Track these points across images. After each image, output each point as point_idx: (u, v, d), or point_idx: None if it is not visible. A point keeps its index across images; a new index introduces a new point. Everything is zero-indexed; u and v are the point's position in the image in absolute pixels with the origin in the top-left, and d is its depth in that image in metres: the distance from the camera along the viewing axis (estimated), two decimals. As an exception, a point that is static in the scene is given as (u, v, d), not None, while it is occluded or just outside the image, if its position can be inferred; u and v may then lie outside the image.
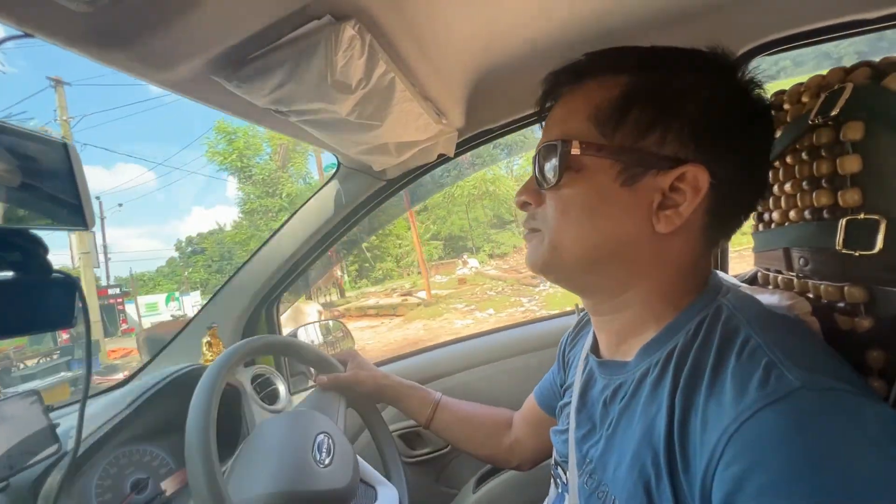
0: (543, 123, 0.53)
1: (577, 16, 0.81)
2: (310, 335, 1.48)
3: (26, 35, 0.41)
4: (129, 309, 17.81)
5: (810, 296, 0.51)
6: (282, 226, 1.18)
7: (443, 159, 1.06)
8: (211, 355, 1.12)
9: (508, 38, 0.84)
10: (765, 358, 0.37)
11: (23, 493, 0.68)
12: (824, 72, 0.51)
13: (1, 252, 0.46)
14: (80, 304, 0.53)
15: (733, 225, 0.49)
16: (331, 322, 1.48)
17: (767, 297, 0.50)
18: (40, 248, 0.50)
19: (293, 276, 1.23)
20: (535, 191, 0.51)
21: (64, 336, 11.09)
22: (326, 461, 0.72)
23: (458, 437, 0.89)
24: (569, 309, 1.40)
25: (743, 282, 0.64)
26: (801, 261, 0.52)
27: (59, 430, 0.72)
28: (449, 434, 0.89)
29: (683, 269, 0.47)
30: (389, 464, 0.92)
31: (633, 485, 0.41)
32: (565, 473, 0.56)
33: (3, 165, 0.44)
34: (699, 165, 0.43)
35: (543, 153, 0.48)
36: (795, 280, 0.54)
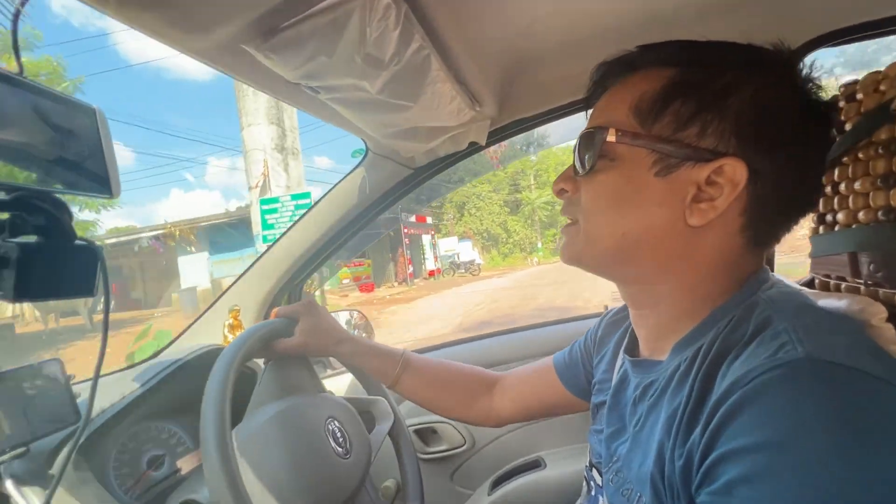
0: (588, 112, 0.53)
1: (622, 1, 0.76)
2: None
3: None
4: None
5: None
6: (307, 211, 1.17)
7: (473, 148, 1.02)
8: (232, 337, 1.13)
9: (548, 23, 0.80)
10: (785, 337, 0.36)
11: (41, 459, 0.68)
12: (908, 58, 0.46)
13: (26, 214, 0.46)
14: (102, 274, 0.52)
15: (777, 228, 0.46)
16: (350, 311, 1.47)
17: (833, 302, 0.45)
18: (65, 213, 0.49)
19: (317, 262, 1.22)
20: (571, 178, 0.52)
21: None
22: (340, 451, 0.70)
23: (427, 397, 0.83)
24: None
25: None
26: (872, 266, 0.47)
27: (79, 401, 0.72)
28: (418, 395, 0.83)
29: (717, 267, 0.46)
30: (405, 459, 0.90)
31: (654, 475, 0.41)
32: (601, 475, 0.55)
33: (30, 125, 0.44)
34: (738, 160, 0.41)
35: (583, 140, 0.49)
36: (863, 287, 0.49)
